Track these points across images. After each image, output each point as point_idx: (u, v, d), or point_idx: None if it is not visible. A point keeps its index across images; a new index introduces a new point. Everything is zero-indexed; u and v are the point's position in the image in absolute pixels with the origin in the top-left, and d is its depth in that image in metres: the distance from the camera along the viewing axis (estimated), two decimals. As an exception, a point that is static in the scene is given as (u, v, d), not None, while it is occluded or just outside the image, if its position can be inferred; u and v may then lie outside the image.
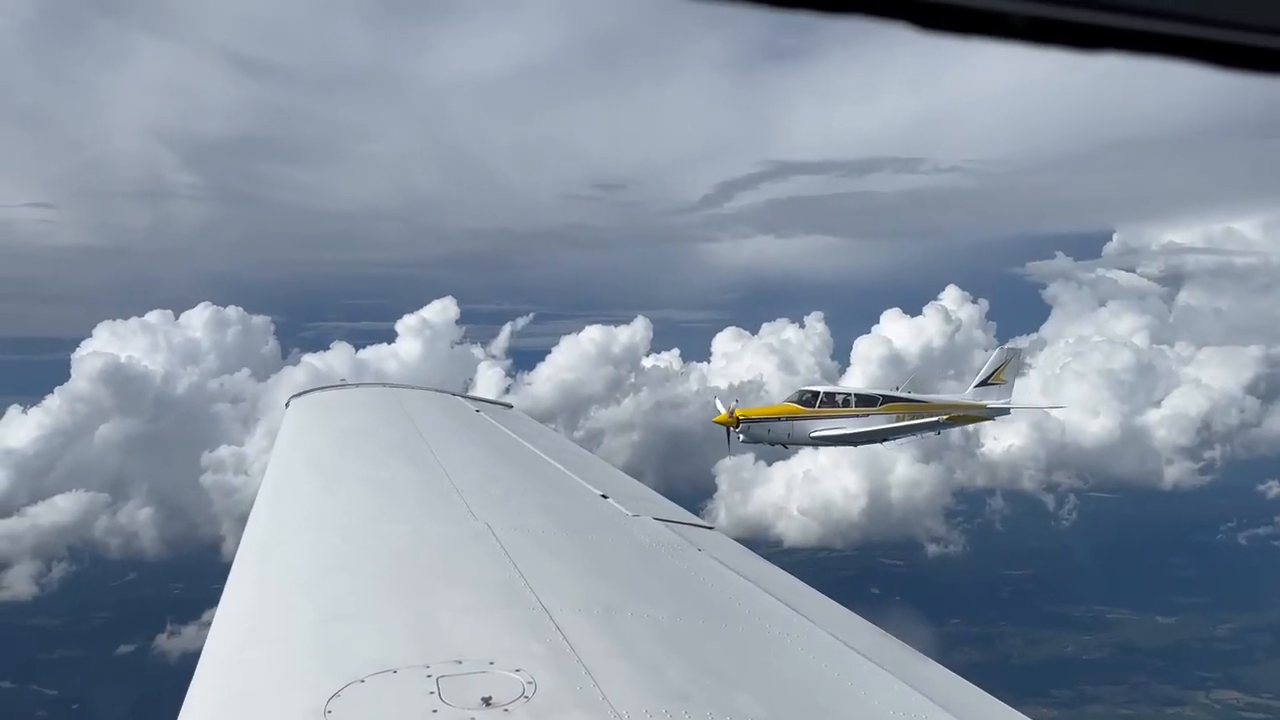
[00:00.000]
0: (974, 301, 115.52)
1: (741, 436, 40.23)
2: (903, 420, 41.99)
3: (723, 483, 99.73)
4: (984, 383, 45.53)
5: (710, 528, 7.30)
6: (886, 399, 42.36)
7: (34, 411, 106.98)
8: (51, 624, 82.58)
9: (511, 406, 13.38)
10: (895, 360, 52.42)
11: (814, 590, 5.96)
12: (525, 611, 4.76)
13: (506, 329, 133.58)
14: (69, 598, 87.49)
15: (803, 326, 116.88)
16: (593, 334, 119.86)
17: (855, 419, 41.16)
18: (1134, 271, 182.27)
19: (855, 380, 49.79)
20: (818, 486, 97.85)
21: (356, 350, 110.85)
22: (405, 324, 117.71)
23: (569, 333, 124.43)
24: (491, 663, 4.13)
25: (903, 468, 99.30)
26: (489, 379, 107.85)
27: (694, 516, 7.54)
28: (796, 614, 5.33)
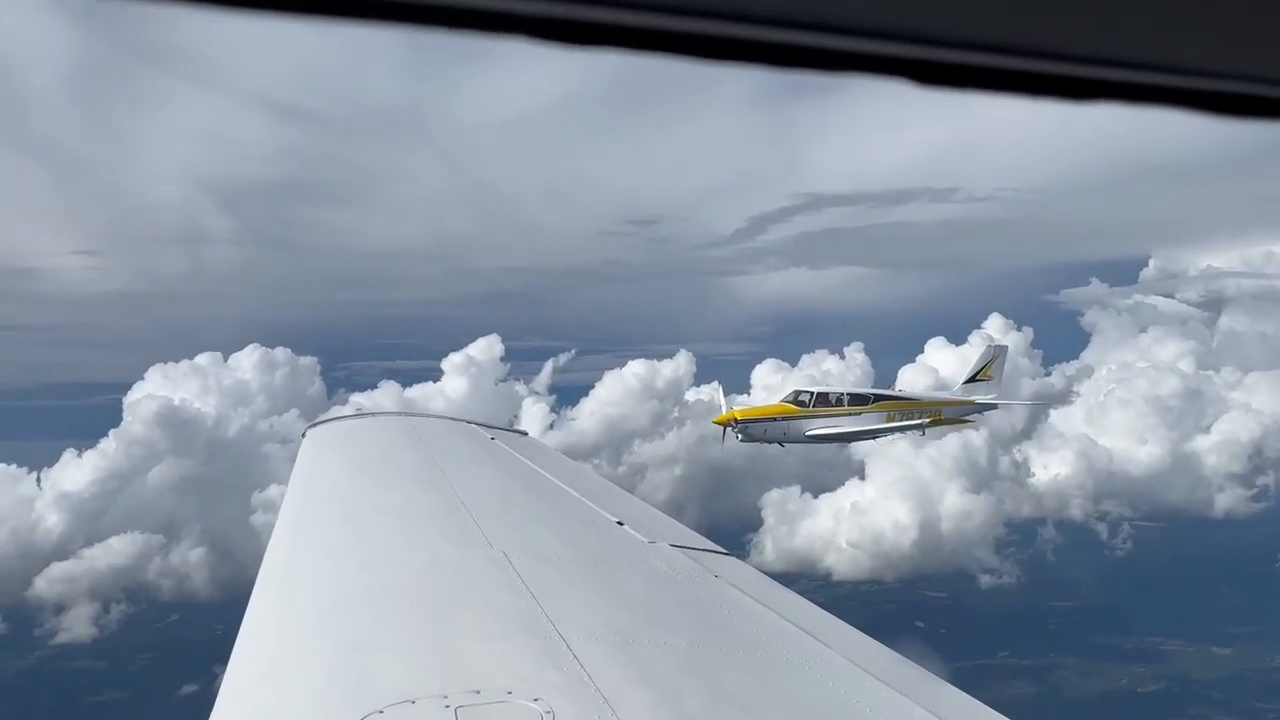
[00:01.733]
0: (1018, 329, 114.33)
1: (740, 436, 41.60)
2: (894, 418, 43.55)
3: (769, 516, 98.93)
4: (972, 379, 47.15)
5: (727, 553, 7.27)
6: (879, 397, 43.99)
7: (89, 454, 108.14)
8: (98, 666, 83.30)
9: (527, 433, 13.36)
10: (942, 389, 52.48)
11: (831, 616, 5.95)
12: (543, 640, 4.79)
13: (548, 365, 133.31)
14: (117, 640, 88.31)
15: (842, 357, 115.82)
16: (636, 368, 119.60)
17: (849, 418, 42.60)
18: (1173, 297, 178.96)
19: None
20: (867, 518, 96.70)
21: (404, 388, 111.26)
22: (451, 362, 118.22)
23: (609, 368, 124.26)
24: (510, 692, 4.16)
25: (953, 498, 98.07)
26: (534, 415, 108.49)
27: (710, 542, 7.51)
28: (814, 640, 5.33)
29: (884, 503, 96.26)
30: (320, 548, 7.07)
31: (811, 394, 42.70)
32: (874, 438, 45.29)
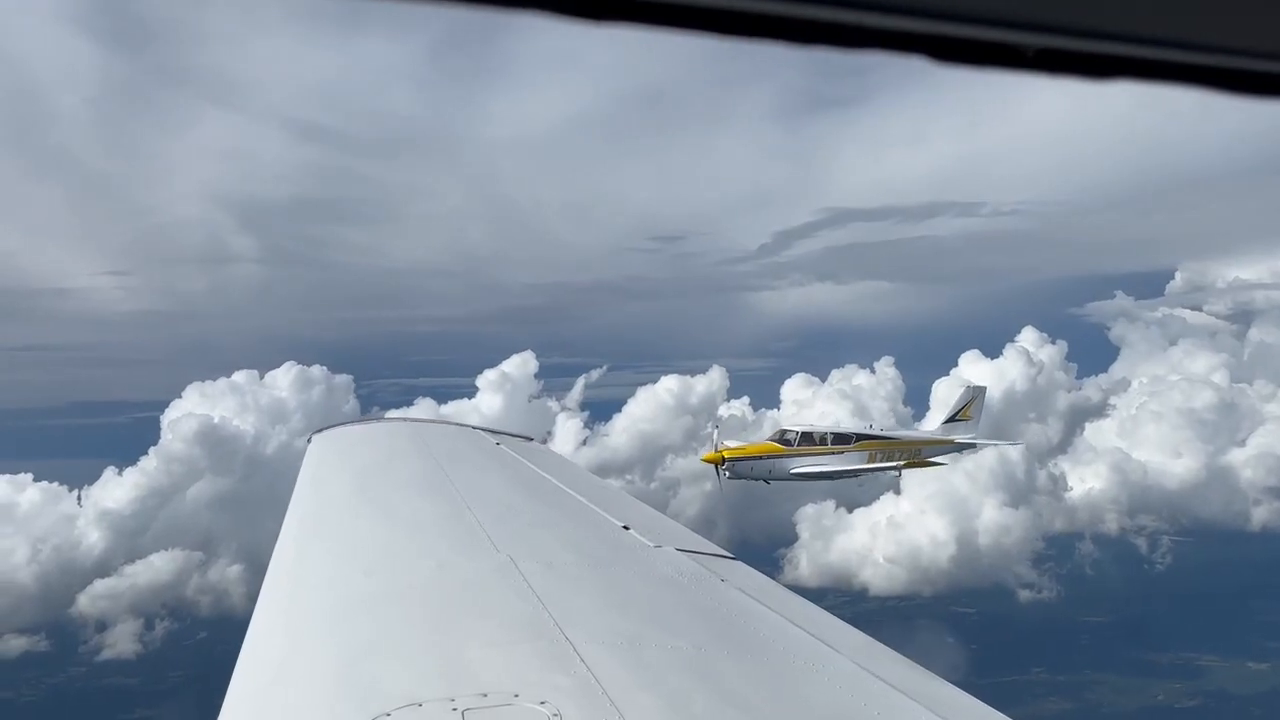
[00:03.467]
0: (1053, 342, 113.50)
1: (728, 473, 43.22)
2: (876, 457, 45.66)
3: (803, 531, 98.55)
4: (952, 419, 49.49)
5: (733, 558, 7.25)
6: (860, 437, 46.25)
7: (129, 472, 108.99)
8: (130, 683, 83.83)
9: (533, 439, 13.34)
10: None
11: (839, 620, 5.96)
12: (549, 644, 4.82)
13: (580, 382, 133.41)
14: (150, 657, 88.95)
15: (873, 372, 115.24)
16: (669, 384, 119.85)
17: (833, 456, 44.67)
18: (1200, 309, 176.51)
19: (934, 423, 52.55)
20: (903, 533, 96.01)
21: (439, 405, 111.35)
22: (486, 378, 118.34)
23: (639, 384, 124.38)
24: (516, 695, 4.19)
25: (990, 512, 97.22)
26: (567, 431, 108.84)
27: (716, 547, 7.51)
28: (821, 643, 5.32)
29: (920, 518, 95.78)
30: (325, 552, 7.17)
31: (797, 433, 44.91)
32: (856, 476, 47.32)
